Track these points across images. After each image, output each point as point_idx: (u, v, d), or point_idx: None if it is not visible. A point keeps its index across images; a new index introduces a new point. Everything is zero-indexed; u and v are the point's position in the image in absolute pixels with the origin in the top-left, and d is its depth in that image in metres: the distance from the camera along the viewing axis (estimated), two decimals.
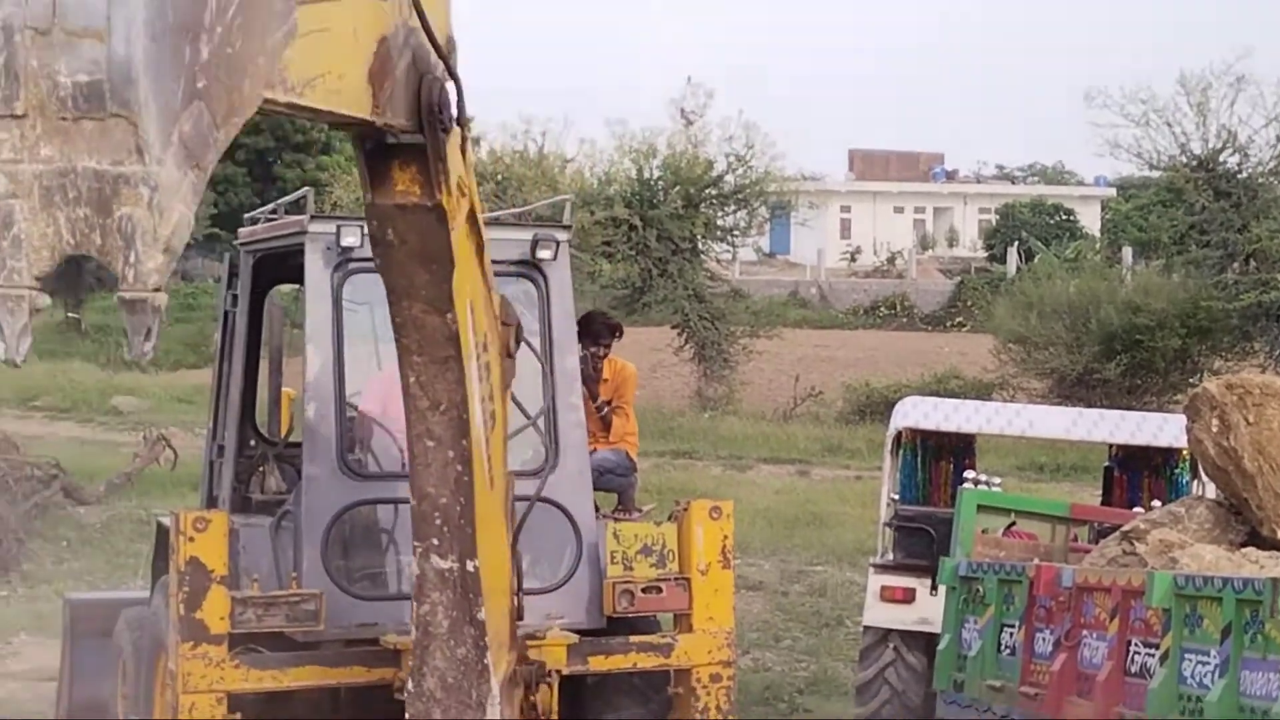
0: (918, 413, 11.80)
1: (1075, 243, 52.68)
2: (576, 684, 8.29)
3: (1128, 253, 45.52)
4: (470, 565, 6.53)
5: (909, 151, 73.24)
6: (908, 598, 11.04)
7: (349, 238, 8.13)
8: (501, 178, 32.37)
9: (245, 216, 9.55)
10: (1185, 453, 11.05)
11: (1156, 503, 10.30)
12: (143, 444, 20.81)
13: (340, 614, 7.92)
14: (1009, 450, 25.00)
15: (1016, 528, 10.19)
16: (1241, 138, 32.92)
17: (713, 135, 35.21)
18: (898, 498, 11.69)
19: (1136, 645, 6.99)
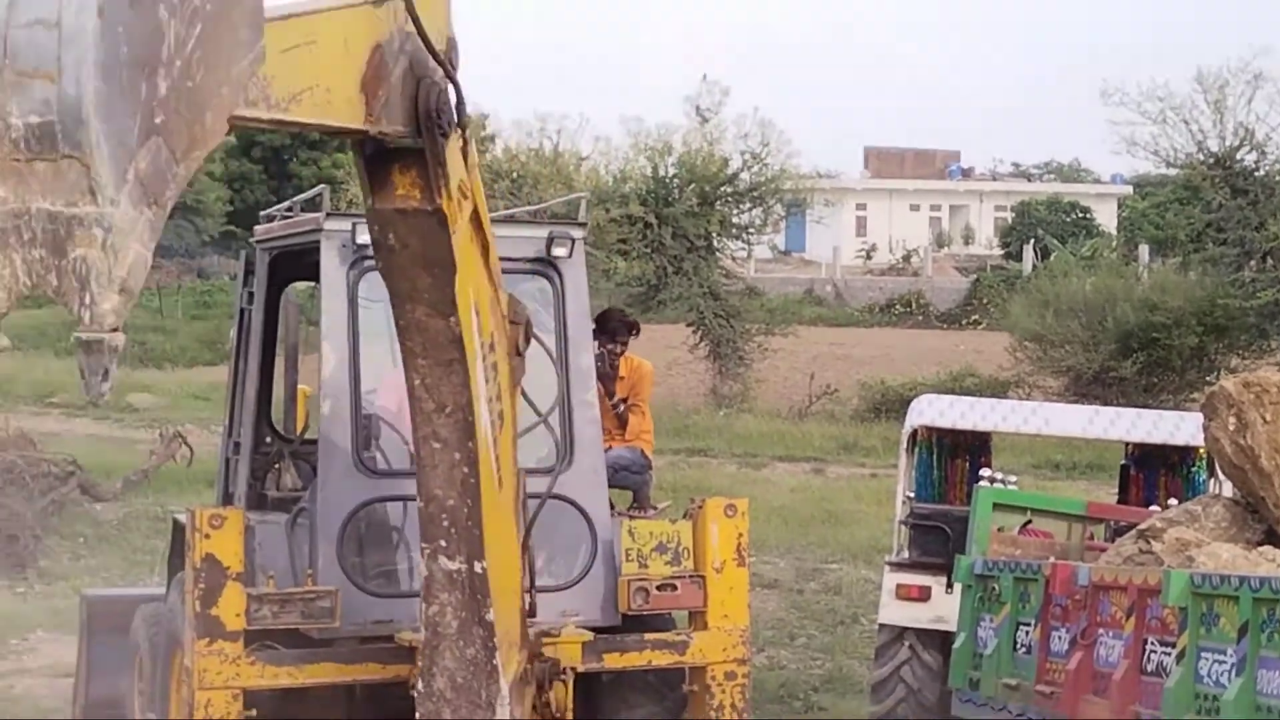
0: (933, 411, 11.78)
1: (1091, 240, 52.57)
2: (591, 681, 8.28)
3: (1144, 250, 45.34)
4: (478, 566, 6.54)
5: (925, 149, 73.21)
6: (923, 596, 11.01)
7: (364, 235, 8.10)
8: (517, 175, 32.39)
9: (261, 214, 9.56)
10: (1202, 451, 11.01)
11: (1173, 501, 10.26)
12: (159, 441, 20.80)
13: (355, 611, 7.92)
14: (1025, 448, 24.97)
15: (1032, 526, 10.16)
16: (1259, 135, 32.85)
17: (728, 133, 35.13)
18: (913, 496, 11.66)
19: (1153, 644, 6.97)
